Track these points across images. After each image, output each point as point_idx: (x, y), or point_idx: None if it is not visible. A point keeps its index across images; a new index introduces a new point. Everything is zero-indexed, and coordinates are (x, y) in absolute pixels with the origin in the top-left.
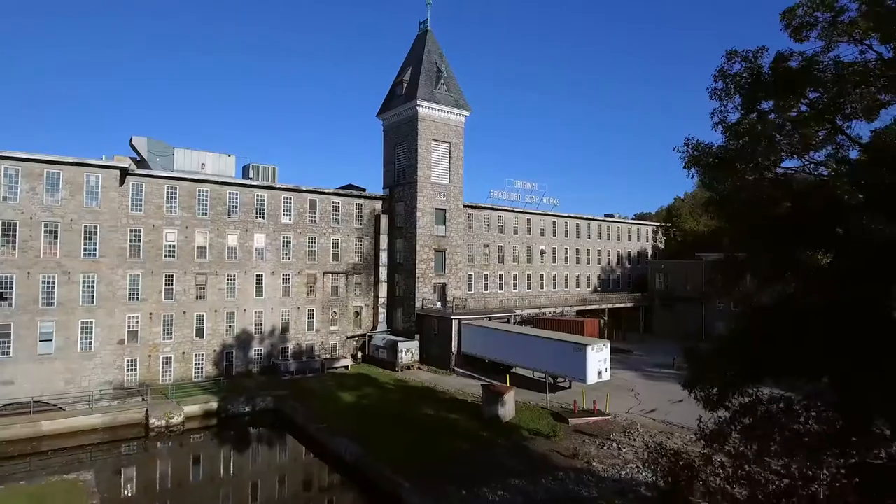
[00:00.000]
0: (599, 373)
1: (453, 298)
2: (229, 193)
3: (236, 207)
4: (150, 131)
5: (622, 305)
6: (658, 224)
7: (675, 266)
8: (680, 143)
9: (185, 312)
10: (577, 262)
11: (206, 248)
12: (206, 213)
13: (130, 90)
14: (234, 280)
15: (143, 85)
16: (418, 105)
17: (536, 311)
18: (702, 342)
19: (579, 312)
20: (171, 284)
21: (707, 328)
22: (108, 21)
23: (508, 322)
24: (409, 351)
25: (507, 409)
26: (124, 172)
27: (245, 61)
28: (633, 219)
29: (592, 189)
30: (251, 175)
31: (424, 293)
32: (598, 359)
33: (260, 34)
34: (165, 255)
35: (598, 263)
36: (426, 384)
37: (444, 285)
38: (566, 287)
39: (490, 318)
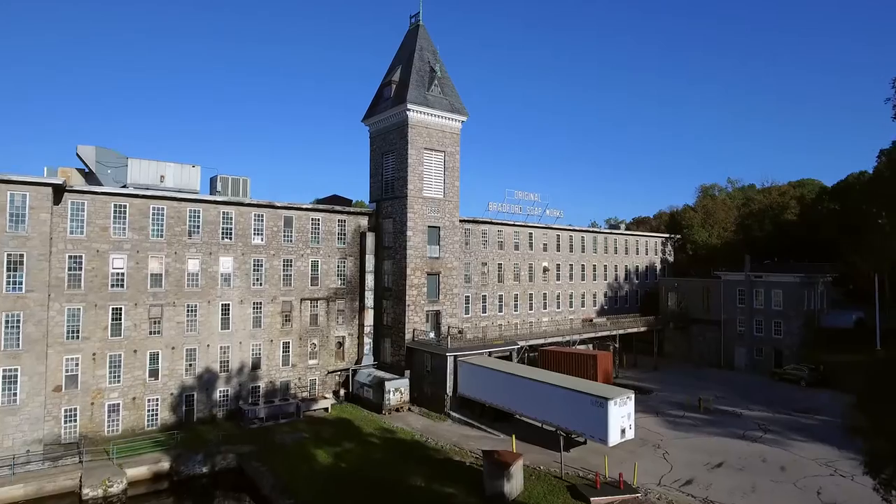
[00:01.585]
0: (623, 431)
1: (448, 327)
2: (190, 211)
3: (198, 227)
4: (108, 140)
5: (634, 330)
6: (667, 236)
7: (690, 284)
8: (685, 143)
9: (135, 351)
10: (583, 279)
11: (161, 275)
12: (161, 235)
13: (84, 92)
14: (196, 311)
15: (101, 88)
16: (408, 109)
17: (542, 341)
18: (721, 368)
19: (587, 338)
20: (120, 319)
21: (726, 354)
22: (51, 13)
23: (511, 357)
24: (397, 391)
25: (514, 483)
26: (60, 190)
27: (212, 51)
28: (631, 223)
29: (591, 189)
30: (219, 188)
31: (416, 322)
32: (622, 414)
33: (231, 21)
34: (112, 285)
35: (605, 280)
36: (416, 435)
37: (437, 313)
38: (571, 306)
39: (490, 353)
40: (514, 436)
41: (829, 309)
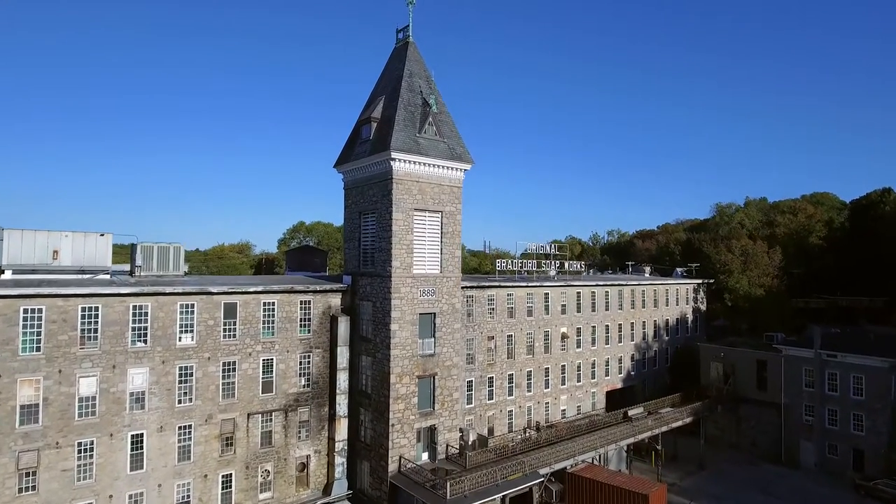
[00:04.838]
0: None
1: (447, 447)
2: (83, 309)
3: (95, 331)
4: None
5: (678, 424)
6: (700, 282)
7: (740, 355)
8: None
9: None
10: (607, 343)
11: (37, 405)
12: (37, 348)
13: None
14: (92, 450)
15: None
16: (393, 158)
17: (570, 461)
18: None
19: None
20: None
21: (788, 446)
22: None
23: (531, 494)
24: None
25: None
26: None
27: (200, 52)
28: (636, 235)
29: (590, 190)
30: (139, 262)
31: (402, 447)
32: None
33: (190, 16)
34: None
35: (632, 340)
36: None
37: (432, 428)
38: (593, 377)
39: (505, 498)
40: None
41: None
